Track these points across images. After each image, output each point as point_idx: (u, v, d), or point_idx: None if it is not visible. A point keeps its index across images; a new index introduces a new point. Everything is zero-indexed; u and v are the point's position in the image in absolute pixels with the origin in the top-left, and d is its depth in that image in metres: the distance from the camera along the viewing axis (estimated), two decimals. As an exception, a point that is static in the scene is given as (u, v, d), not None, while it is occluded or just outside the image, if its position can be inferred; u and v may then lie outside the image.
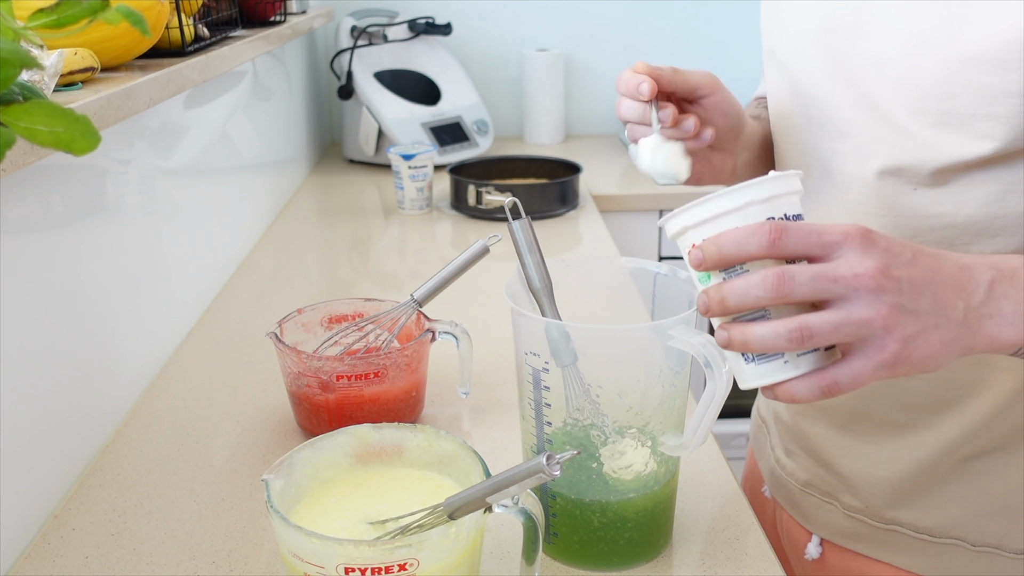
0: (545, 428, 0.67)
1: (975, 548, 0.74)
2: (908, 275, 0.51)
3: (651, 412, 0.66)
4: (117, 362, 0.94)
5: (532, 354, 0.65)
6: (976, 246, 0.66)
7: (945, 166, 0.64)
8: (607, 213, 1.73)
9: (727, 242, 0.51)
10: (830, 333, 0.50)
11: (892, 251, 0.51)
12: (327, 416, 0.86)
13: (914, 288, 0.51)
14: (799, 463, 0.84)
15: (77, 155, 0.48)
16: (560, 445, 0.67)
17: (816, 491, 0.82)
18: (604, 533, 0.68)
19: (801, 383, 0.53)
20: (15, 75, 0.48)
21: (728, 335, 0.53)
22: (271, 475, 0.61)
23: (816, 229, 0.50)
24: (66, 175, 0.84)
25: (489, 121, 2.01)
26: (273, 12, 1.50)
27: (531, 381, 0.66)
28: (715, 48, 2.24)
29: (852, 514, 0.79)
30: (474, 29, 2.20)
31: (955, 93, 0.62)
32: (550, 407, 0.66)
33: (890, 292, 0.50)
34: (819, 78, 0.72)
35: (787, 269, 0.50)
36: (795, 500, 0.85)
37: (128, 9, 0.50)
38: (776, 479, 0.89)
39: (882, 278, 0.49)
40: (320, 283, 1.37)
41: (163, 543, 0.74)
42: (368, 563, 0.54)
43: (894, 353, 0.50)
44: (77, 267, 0.86)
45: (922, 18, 0.64)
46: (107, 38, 0.87)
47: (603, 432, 0.66)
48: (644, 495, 0.68)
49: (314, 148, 2.04)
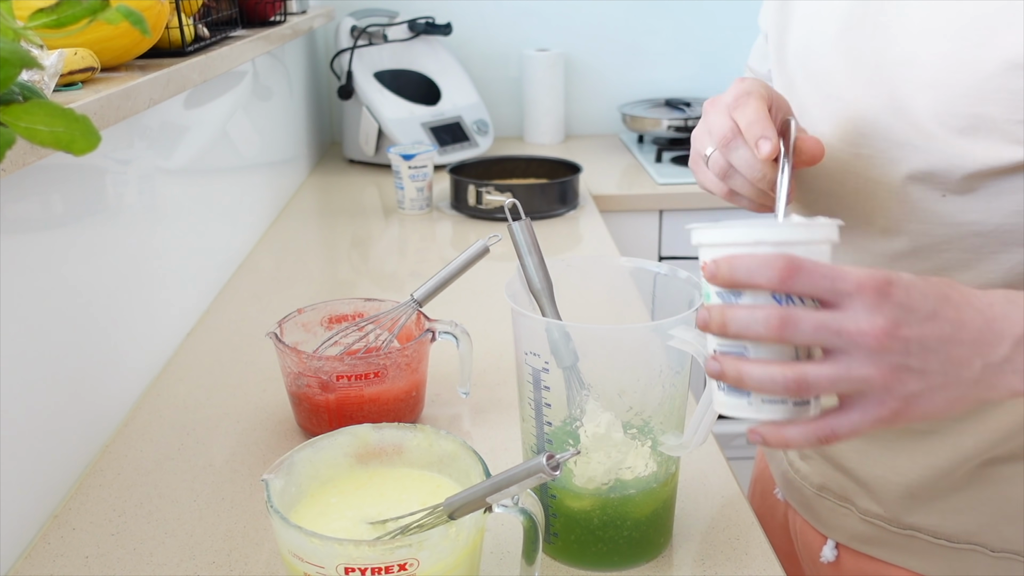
0: (545, 428, 0.67)
1: (994, 554, 0.72)
2: (920, 334, 0.49)
3: (651, 412, 0.66)
4: (117, 362, 0.94)
5: (532, 354, 0.65)
6: (1005, 254, 0.64)
7: (975, 172, 0.62)
8: (607, 213, 1.73)
9: (740, 267, 0.50)
10: (827, 387, 0.50)
11: (908, 306, 0.49)
12: (327, 416, 0.86)
13: (924, 348, 0.49)
14: (814, 467, 0.82)
15: (77, 155, 0.48)
16: (560, 445, 0.67)
17: (831, 495, 0.80)
18: (603, 533, 0.68)
19: (797, 431, 0.52)
20: (15, 75, 0.48)
21: (721, 368, 0.52)
22: (271, 475, 0.61)
23: (831, 274, 0.49)
24: (66, 175, 0.84)
25: (489, 121, 2.01)
26: (273, 12, 1.50)
27: (531, 381, 0.66)
28: (715, 48, 2.24)
29: (868, 519, 0.77)
30: (474, 29, 2.20)
31: (988, 98, 0.60)
32: (550, 407, 0.66)
33: (895, 353, 0.49)
34: (840, 79, 0.69)
35: (792, 313, 0.49)
36: (809, 504, 0.83)
37: (128, 9, 0.50)
38: (789, 482, 0.87)
39: (887, 339, 0.48)
40: (320, 283, 1.37)
41: (163, 543, 0.74)
42: (368, 563, 0.55)
43: (893, 411, 0.50)
44: (77, 267, 0.86)
45: (955, 19, 0.62)
46: (107, 38, 0.87)
47: None
48: (644, 493, 0.68)
49: (314, 148, 2.04)
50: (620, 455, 0.66)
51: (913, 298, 0.49)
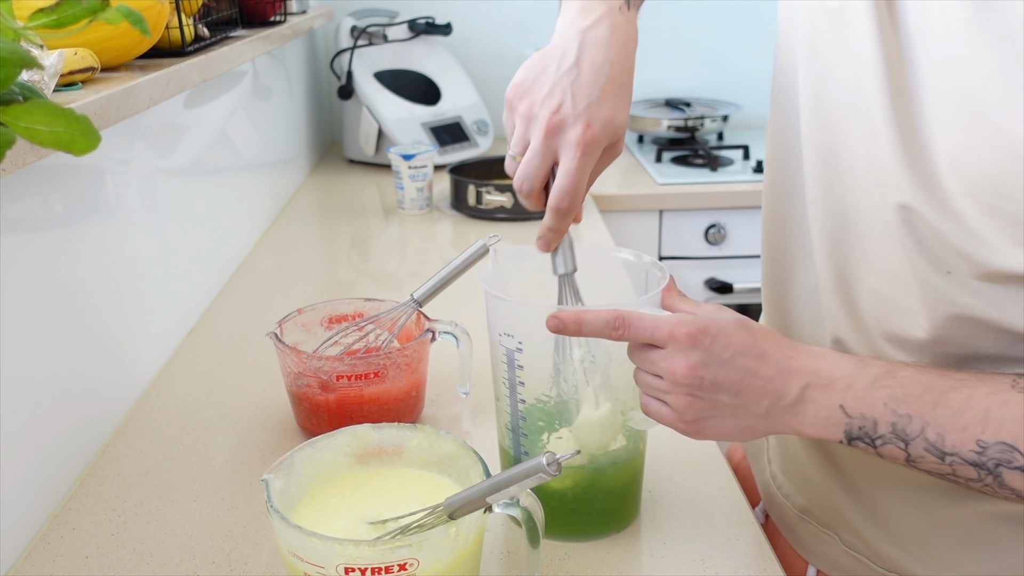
0: (519, 406, 0.70)
1: None
2: (713, 375, 0.60)
3: (620, 387, 0.68)
4: (117, 362, 0.94)
5: (506, 335, 0.68)
6: None
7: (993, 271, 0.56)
8: (607, 213, 1.73)
9: (586, 324, 0.62)
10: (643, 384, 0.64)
11: (710, 352, 0.60)
12: (327, 416, 0.86)
13: (716, 386, 0.60)
14: (797, 485, 0.80)
15: (77, 155, 0.48)
16: (533, 420, 0.69)
17: (814, 520, 0.78)
18: (577, 506, 0.71)
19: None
20: (15, 75, 0.48)
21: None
22: (271, 475, 0.61)
23: (652, 326, 0.61)
24: (66, 175, 0.84)
25: (489, 121, 2.01)
26: (273, 12, 1.50)
27: (505, 361, 0.68)
28: (715, 48, 2.24)
29: (852, 552, 0.74)
30: (474, 29, 2.20)
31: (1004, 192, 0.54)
32: (523, 385, 0.69)
33: (692, 387, 0.60)
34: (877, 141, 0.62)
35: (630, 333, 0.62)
36: (791, 525, 0.81)
37: (128, 9, 0.50)
38: (771, 498, 0.84)
39: (687, 375, 0.60)
40: (320, 283, 1.37)
41: (163, 543, 0.74)
42: (368, 563, 0.55)
43: (685, 425, 0.62)
44: (77, 267, 0.86)
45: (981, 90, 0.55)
46: (107, 38, 0.87)
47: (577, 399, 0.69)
48: (616, 467, 0.71)
49: (314, 148, 2.04)
50: (609, 435, 0.70)
51: (716, 346, 0.60)
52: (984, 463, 0.56)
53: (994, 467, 0.56)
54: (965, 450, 0.57)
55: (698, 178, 1.86)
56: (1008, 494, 0.57)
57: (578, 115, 0.65)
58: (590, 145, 0.65)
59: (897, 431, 0.58)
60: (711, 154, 1.93)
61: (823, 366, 0.60)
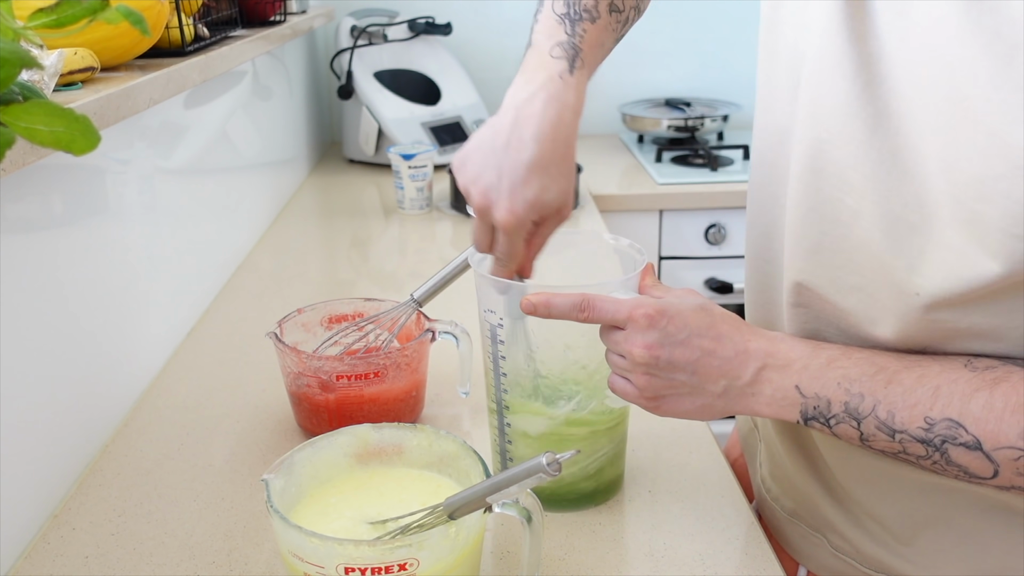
0: (501, 379, 0.73)
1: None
2: (669, 355, 0.62)
3: (596, 366, 0.71)
4: (117, 362, 0.94)
5: (489, 311, 0.71)
6: None
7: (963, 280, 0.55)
8: (607, 213, 1.72)
9: (554, 306, 0.65)
10: (611, 363, 0.66)
11: (666, 333, 0.62)
12: (327, 416, 0.86)
13: (672, 365, 0.63)
14: (784, 489, 0.80)
15: (77, 155, 0.48)
16: (514, 394, 0.73)
17: (803, 522, 0.78)
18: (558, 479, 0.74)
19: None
20: (15, 75, 0.48)
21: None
22: (271, 475, 0.61)
23: (613, 308, 0.64)
24: (66, 175, 0.84)
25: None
26: (273, 12, 1.50)
27: (489, 336, 0.72)
28: (715, 48, 2.24)
29: (840, 555, 0.74)
30: (474, 29, 2.20)
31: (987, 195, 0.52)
32: (504, 359, 0.72)
33: (650, 366, 0.63)
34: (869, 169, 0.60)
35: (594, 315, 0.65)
36: (780, 527, 0.81)
37: (128, 9, 0.50)
38: (762, 500, 0.84)
39: (644, 355, 0.62)
40: (320, 283, 1.37)
41: (163, 543, 0.74)
42: (368, 563, 0.55)
43: (646, 401, 0.65)
44: (77, 266, 0.86)
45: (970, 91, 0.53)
46: (107, 38, 0.87)
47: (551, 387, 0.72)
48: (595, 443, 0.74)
49: (314, 148, 2.04)
50: None
51: (672, 327, 0.62)
52: (931, 440, 0.57)
53: (940, 444, 0.57)
54: (913, 427, 0.57)
55: (698, 178, 1.86)
56: (956, 472, 0.57)
57: (500, 198, 0.67)
58: (513, 226, 0.67)
59: (850, 410, 0.59)
60: (711, 154, 1.93)
61: (780, 348, 0.62)
